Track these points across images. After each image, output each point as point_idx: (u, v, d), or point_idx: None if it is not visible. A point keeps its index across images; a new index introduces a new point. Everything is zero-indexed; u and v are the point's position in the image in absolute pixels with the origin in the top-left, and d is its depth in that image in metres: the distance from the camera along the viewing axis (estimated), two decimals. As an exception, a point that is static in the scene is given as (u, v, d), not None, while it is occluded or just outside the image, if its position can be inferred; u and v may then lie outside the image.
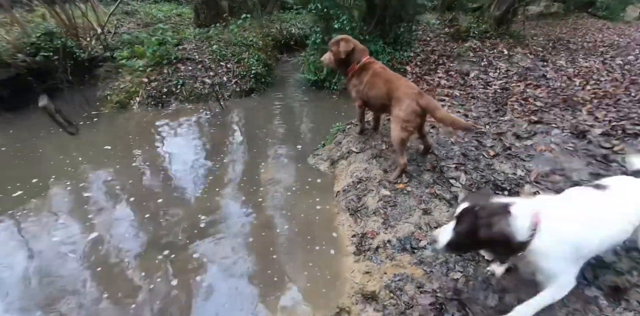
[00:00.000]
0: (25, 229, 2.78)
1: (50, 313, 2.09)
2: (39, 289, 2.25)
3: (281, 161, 3.51)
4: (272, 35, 7.59)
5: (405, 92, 2.57)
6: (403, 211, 2.50)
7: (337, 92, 5.11)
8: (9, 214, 2.93)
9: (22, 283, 2.30)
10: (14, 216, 2.91)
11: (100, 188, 3.27)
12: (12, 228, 2.81)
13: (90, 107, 5.06)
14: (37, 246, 2.59)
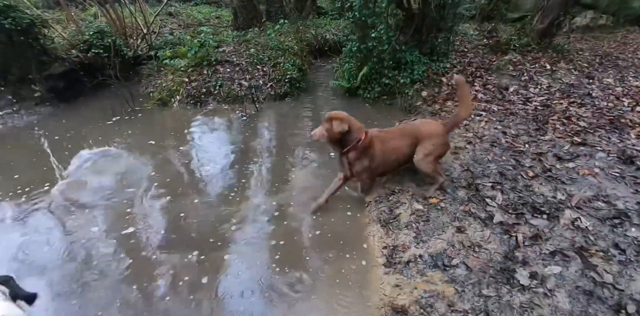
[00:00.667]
0: (65, 216, 3.02)
1: (78, 299, 2.26)
2: (73, 274, 2.44)
3: (313, 167, 3.58)
4: (307, 41, 7.74)
5: (431, 131, 2.70)
6: (436, 227, 2.49)
7: (370, 101, 5.14)
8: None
9: (59, 267, 2.50)
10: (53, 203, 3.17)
11: (139, 183, 3.46)
12: (51, 213, 3.07)
13: (134, 103, 5.37)
14: (76, 234, 2.81)
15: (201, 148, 4.12)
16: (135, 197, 3.23)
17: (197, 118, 4.88)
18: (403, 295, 2.06)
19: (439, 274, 2.16)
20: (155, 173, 3.60)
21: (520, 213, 2.52)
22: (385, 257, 2.35)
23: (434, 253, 2.29)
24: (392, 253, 2.37)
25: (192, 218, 2.92)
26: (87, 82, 6.03)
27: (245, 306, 2.14)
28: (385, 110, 4.86)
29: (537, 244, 2.26)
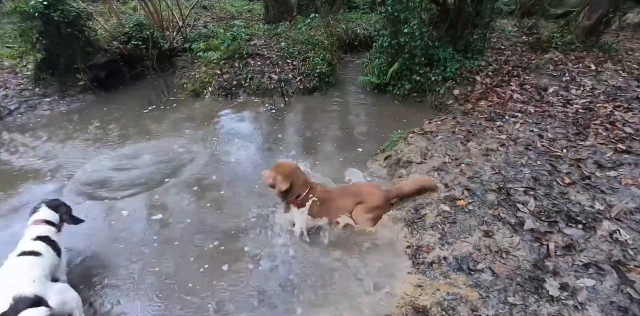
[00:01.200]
0: (97, 199, 3.23)
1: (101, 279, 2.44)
2: (101, 252, 2.65)
3: (339, 162, 3.60)
4: (337, 35, 7.65)
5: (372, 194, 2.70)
6: (462, 229, 2.44)
7: (400, 98, 5.05)
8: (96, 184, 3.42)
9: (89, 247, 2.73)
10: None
11: (171, 171, 3.63)
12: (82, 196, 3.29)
13: (169, 93, 5.60)
14: (107, 217, 3.00)
15: (230, 140, 4.24)
16: (164, 185, 3.40)
17: (228, 110, 5.02)
18: (425, 295, 2.05)
19: (463, 277, 2.12)
20: (186, 162, 3.76)
21: (554, 221, 2.42)
22: (408, 256, 2.34)
23: (459, 256, 2.25)
24: (415, 253, 2.35)
25: (217, 208, 3.04)
26: (126, 72, 6.33)
27: (260, 299, 2.21)
28: (415, 107, 4.76)
29: (570, 255, 2.17)
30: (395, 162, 3.32)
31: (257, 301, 2.22)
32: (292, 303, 2.19)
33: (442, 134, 3.55)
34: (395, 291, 2.16)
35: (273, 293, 2.26)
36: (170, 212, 3.06)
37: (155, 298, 2.29)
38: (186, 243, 2.72)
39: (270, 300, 2.22)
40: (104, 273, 2.48)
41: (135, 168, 3.73)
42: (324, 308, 2.14)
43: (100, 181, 3.53)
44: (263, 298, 2.24)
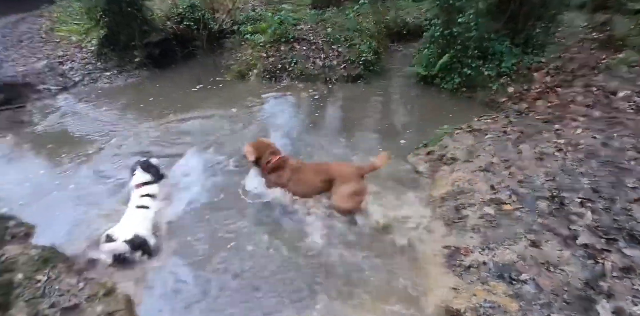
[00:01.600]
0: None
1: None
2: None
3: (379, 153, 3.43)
4: (385, 23, 7.29)
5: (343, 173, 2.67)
6: (506, 235, 2.27)
7: (447, 92, 4.72)
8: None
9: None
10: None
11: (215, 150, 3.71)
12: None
13: (216, 74, 5.69)
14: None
15: (272, 122, 4.24)
16: (203, 160, 3.51)
17: (271, 93, 5.00)
18: (460, 299, 1.95)
19: (503, 286, 1.98)
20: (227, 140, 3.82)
21: (613, 238, 2.16)
22: (444, 257, 2.22)
23: (501, 262, 2.10)
24: (452, 253, 2.23)
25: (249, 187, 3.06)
26: (178, 52, 6.49)
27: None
28: (464, 103, 4.43)
29: (628, 278, 1.93)
30: (439, 158, 3.13)
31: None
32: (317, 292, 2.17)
33: (492, 133, 3.28)
34: (428, 290, 2.07)
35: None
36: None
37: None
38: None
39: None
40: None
41: (180, 142, 3.86)
42: (351, 300, 2.10)
43: (146, 151, 3.73)
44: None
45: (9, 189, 3.39)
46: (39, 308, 1.94)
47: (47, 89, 5.64)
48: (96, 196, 3.17)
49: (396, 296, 2.08)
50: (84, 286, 2.14)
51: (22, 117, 4.89)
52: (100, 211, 2.95)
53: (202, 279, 2.30)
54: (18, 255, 2.40)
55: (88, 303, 2.01)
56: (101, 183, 3.34)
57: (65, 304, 1.98)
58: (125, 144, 3.98)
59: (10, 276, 2.17)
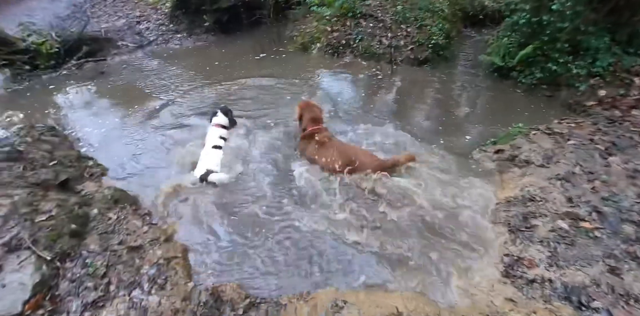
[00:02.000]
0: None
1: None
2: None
3: (442, 145, 3.16)
4: (461, 5, 6.52)
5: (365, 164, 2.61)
6: (580, 255, 1.98)
7: (524, 88, 4.15)
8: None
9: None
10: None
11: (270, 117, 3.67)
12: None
13: (279, 44, 5.54)
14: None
15: (330, 97, 4.04)
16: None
17: (333, 68, 4.77)
18: (517, 313, 1.75)
19: (569, 309, 1.74)
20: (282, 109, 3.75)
21: None
22: (504, 265, 2.01)
23: (570, 284, 1.84)
24: (513, 263, 2.00)
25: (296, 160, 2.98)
26: (245, 19, 6.39)
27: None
28: (541, 102, 3.87)
29: None
30: (509, 158, 2.78)
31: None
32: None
33: (576, 140, 2.83)
34: (479, 296, 1.90)
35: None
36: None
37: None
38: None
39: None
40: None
41: (239, 107, 3.87)
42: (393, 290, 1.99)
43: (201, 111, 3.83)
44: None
45: (88, 132, 3.67)
46: (109, 243, 2.08)
47: (125, 46, 5.92)
48: (158, 147, 3.31)
49: (443, 297, 1.92)
50: (147, 230, 2.27)
51: (103, 70, 5.20)
52: (160, 162, 3.09)
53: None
54: (94, 193, 2.59)
55: (150, 246, 2.12)
56: (163, 135, 3.47)
57: (131, 243, 2.11)
58: (188, 103, 4.08)
59: (87, 210, 2.36)
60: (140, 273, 1.88)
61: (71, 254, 1.93)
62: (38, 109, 4.23)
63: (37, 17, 7.40)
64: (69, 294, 1.71)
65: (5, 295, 1.67)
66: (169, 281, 1.85)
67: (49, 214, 2.11)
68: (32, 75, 5.20)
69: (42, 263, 1.82)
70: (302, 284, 1.97)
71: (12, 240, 1.92)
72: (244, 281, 1.98)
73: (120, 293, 1.75)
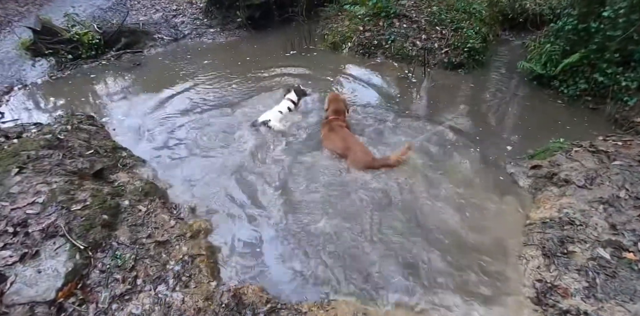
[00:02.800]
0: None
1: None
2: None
3: (474, 156, 2.99)
4: (500, 7, 6.14)
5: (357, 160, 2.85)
6: (622, 289, 1.80)
7: (566, 98, 3.85)
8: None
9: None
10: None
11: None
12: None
13: (310, 42, 5.44)
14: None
15: (360, 99, 3.94)
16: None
17: (363, 69, 4.64)
18: (548, 345, 1.63)
19: (606, 346, 1.60)
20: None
21: None
22: (535, 291, 1.87)
23: (609, 319, 1.69)
24: (546, 290, 1.86)
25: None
26: (276, 16, 6.33)
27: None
28: (584, 115, 3.58)
29: None
30: (547, 176, 2.59)
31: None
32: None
33: (623, 160, 2.59)
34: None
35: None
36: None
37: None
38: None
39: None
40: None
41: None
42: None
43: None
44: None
45: (122, 121, 3.76)
46: (138, 236, 2.12)
47: (161, 39, 6.01)
48: (189, 138, 3.39)
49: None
50: (174, 225, 2.29)
51: (139, 62, 5.32)
52: (192, 154, 3.16)
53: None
54: (126, 184, 2.65)
55: (176, 241, 2.14)
56: (192, 127, 3.56)
57: (158, 237, 2.14)
58: (219, 96, 4.14)
59: (119, 201, 2.41)
60: (166, 268, 1.90)
61: (102, 245, 1.97)
62: (78, 97, 4.40)
63: (80, 8, 7.68)
64: (99, 285, 1.75)
65: (41, 280, 1.73)
66: (193, 279, 1.86)
67: (84, 203, 2.17)
68: (74, 64, 5.40)
69: (75, 251, 1.87)
70: (324, 292, 1.93)
71: (49, 227, 1.99)
72: (266, 282, 1.97)
73: (146, 288, 1.77)
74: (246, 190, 2.69)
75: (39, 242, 1.90)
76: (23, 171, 2.34)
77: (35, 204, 2.10)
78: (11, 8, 8.73)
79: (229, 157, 3.07)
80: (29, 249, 1.85)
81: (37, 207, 2.09)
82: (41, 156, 2.56)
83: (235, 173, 2.87)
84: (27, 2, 9.03)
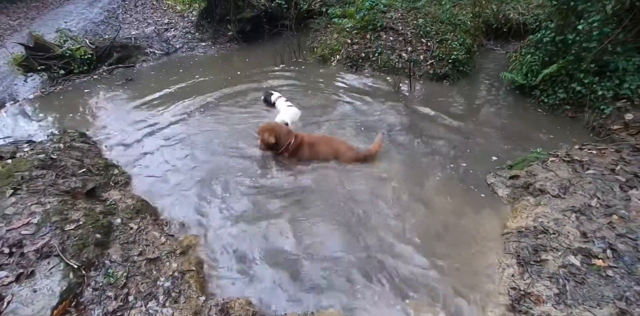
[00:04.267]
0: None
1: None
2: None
3: (456, 167, 3.16)
4: (484, 17, 6.41)
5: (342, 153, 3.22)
6: (590, 295, 1.94)
7: (546, 107, 4.05)
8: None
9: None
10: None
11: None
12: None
13: (299, 55, 5.65)
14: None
15: (347, 112, 4.11)
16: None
17: (351, 81, 4.85)
18: (520, 350, 1.75)
19: (574, 350, 1.72)
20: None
21: None
22: (510, 299, 2.00)
23: (578, 324, 1.82)
24: (520, 298, 1.99)
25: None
26: (266, 29, 6.56)
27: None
28: (564, 123, 3.77)
29: None
30: (524, 186, 2.75)
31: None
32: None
33: (596, 169, 2.75)
34: (483, 329, 1.91)
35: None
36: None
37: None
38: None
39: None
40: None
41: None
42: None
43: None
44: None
45: (114, 137, 3.87)
46: (130, 254, 2.22)
47: (153, 53, 6.20)
48: (181, 153, 3.54)
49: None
50: (165, 241, 2.40)
51: (131, 77, 5.47)
52: (183, 170, 3.26)
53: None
54: (118, 201, 2.76)
55: (167, 258, 2.24)
56: (184, 143, 3.71)
57: (149, 255, 2.25)
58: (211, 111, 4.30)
59: (111, 219, 2.51)
60: (157, 285, 2.01)
61: (95, 264, 2.08)
62: (70, 113, 4.52)
63: (73, 22, 7.87)
64: (92, 302, 1.85)
65: (36, 300, 1.83)
66: (182, 294, 1.97)
67: (77, 223, 2.28)
68: (66, 79, 5.54)
69: (69, 271, 1.97)
70: (308, 302, 2.04)
71: (44, 247, 2.09)
72: (254, 295, 2.09)
73: (137, 304, 1.88)
74: (236, 205, 2.81)
75: (34, 262, 2.00)
76: (17, 192, 2.45)
77: (30, 225, 2.21)
78: (3, 21, 8.91)
79: (220, 172, 3.19)
80: (25, 270, 1.95)
81: (32, 228, 2.19)
82: (35, 177, 2.67)
83: (226, 188, 2.99)
84: (19, 16, 9.24)
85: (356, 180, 3.01)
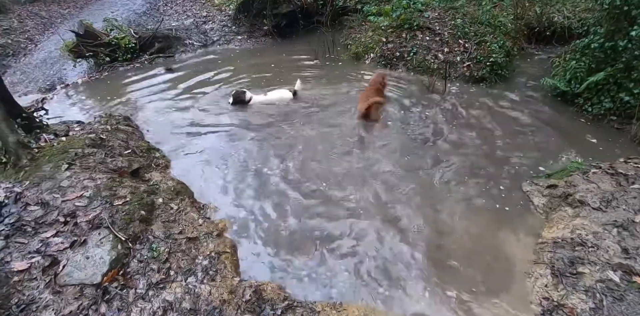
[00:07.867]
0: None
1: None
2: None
3: (489, 173, 3.08)
4: (526, 19, 6.16)
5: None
6: (628, 313, 1.86)
7: (590, 117, 3.86)
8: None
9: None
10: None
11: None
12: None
13: (333, 51, 5.68)
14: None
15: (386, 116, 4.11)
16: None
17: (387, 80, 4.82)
18: (550, 360, 1.72)
19: (609, 366, 1.68)
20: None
21: None
22: (542, 309, 1.96)
23: (614, 340, 1.76)
24: (553, 309, 1.94)
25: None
26: (302, 25, 6.63)
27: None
28: (608, 135, 3.57)
29: None
30: (562, 196, 2.65)
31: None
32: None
33: (643, 184, 2.62)
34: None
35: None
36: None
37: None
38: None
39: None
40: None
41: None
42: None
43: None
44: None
45: (155, 122, 4.07)
46: (171, 232, 2.36)
47: (192, 44, 6.42)
48: (215, 142, 3.68)
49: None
50: (202, 223, 2.52)
51: (170, 66, 5.71)
52: (217, 158, 3.40)
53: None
54: (159, 182, 2.92)
55: (204, 239, 2.36)
56: (220, 132, 3.85)
57: (189, 234, 2.37)
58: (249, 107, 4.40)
59: (154, 198, 2.67)
60: (196, 262, 2.12)
61: (140, 238, 2.22)
62: (115, 98, 4.78)
63: (117, 12, 8.27)
64: (137, 273, 1.99)
65: (88, 265, 1.99)
66: (218, 273, 2.07)
67: (124, 199, 2.44)
68: (111, 66, 5.87)
69: (117, 242, 2.13)
70: (338, 293, 2.10)
71: (95, 219, 2.26)
72: (284, 281, 2.16)
73: (178, 278, 2.00)
74: (268, 192, 2.91)
75: (86, 232, 2.17)
76: (71, 167, 2.65)
77: (82, 198, 2.39)
78: (54, 10, 9.50)
79: (256, 162, 3.30)
80: (78, 238, 2.12)
81: (85, 200, 2.37)
82: (86, 154, 2.87)
83: (259, 174, 3.10)
84: (68, 5, 9.82)
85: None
